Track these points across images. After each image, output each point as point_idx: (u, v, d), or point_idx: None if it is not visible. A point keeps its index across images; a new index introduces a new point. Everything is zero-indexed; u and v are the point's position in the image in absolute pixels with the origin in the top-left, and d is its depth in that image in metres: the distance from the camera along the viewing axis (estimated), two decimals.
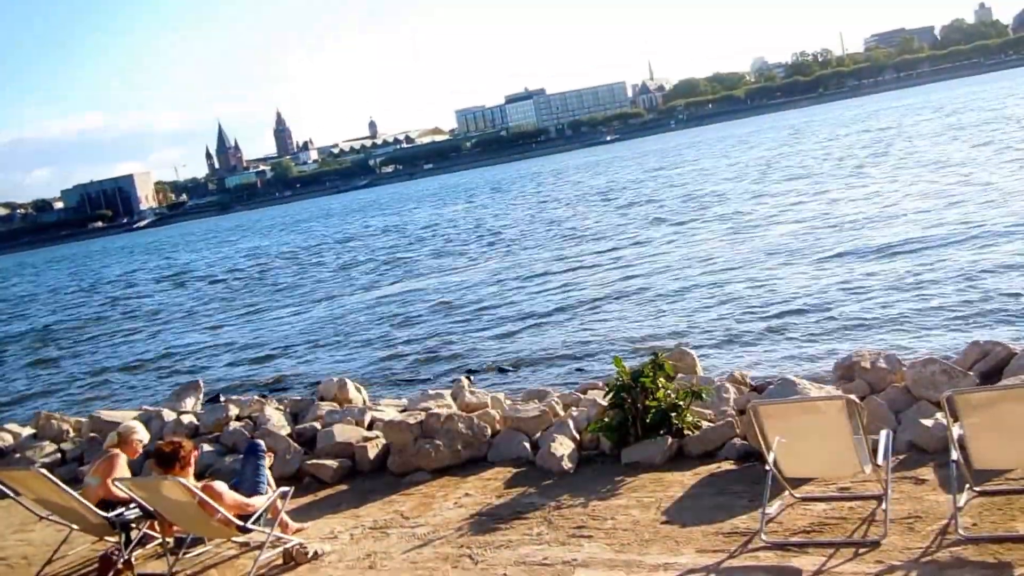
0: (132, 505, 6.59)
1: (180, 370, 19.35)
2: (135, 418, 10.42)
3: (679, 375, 8.38)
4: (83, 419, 11.14)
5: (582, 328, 16.48)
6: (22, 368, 23.92)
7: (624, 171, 74.45)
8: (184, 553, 6.69)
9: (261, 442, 7.30)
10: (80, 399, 18.03)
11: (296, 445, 8.79)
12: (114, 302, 39.10)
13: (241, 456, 8.62)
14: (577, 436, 7.98)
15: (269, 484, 6.88)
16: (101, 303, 39.76)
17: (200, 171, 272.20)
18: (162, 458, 6.42)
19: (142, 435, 7.34)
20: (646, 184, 53.65)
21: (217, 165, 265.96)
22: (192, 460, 6.58)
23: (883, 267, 16.89)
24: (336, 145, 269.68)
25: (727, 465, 7.05)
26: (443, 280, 26.69)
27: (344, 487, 8.14)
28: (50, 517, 7.01)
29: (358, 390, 10.66)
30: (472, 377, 12.98)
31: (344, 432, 8.79)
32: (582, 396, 9.24)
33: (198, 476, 7.03)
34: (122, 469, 6.96)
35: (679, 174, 57.42)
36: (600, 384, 9.91)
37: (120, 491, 6.68)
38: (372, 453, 8.41)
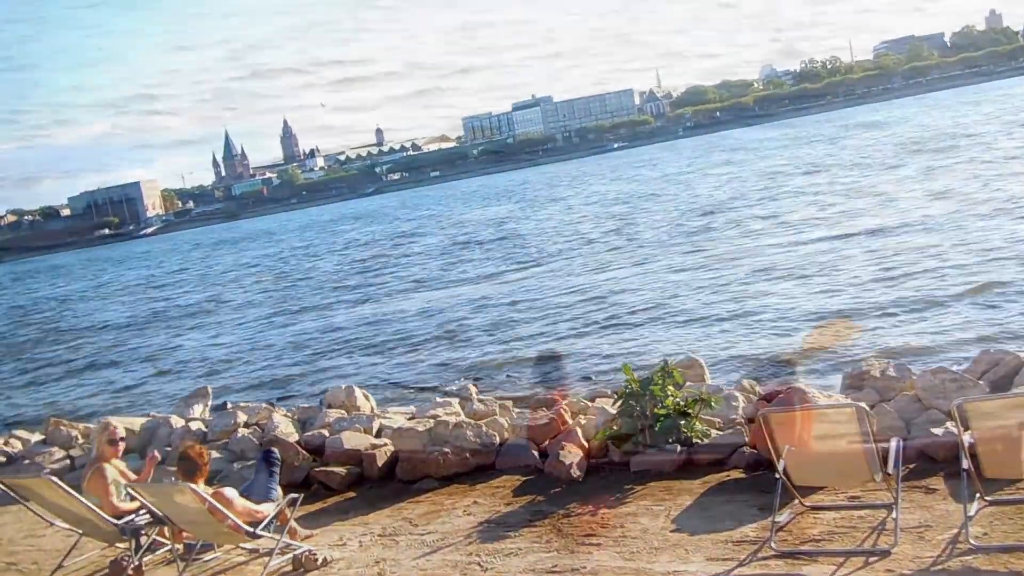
0: (142, 511, 6.61)
1: (188, 376, 19.40)
2: (143, 425, 10.53)
3: (688, 383, 8.37)
4: (92, 425, 11.16)
5: (591, 336, 16.49)
6: (31, 374, 24.00)
7: (644, 177, 74.12)
8: (194, 559, 6.70)
9: (275, 450, 7.30)
10: (89, 405, 18.07)
11: (304, 452, 8.80)
12: (121, 307, 39.29)
13: (249, 463, 8.68)
14: (586, 444, 7.97)
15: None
16: (119, 308, 39.91)
17: (207, 178, 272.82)
18: (190, 466, 6.43)
19: (120, 432, 7.12)
20: (661, 194, 53.35)
21: (223, 172, 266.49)
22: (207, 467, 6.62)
23: (893, 276, 16.86)
24: (343, 153, 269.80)
25: (736, 474, 7.04)
26: (453, 290, 26.72)
27: (352, 494, 8.14)
28: (60, 523, 7.02)
29: (366, 397, 10.65)
30: (480, 385, 12.99)
31: (352, 439, 8.80)
32: (591, 404, 9.22)
33: (207, 482, 7.04)
34: (113, 478, 6.88)
35: (700, 181, 57.03)
36: (609, 392, 9.90)
37: (127, 505, 6.70)
38: (380, 460, 8.40)
